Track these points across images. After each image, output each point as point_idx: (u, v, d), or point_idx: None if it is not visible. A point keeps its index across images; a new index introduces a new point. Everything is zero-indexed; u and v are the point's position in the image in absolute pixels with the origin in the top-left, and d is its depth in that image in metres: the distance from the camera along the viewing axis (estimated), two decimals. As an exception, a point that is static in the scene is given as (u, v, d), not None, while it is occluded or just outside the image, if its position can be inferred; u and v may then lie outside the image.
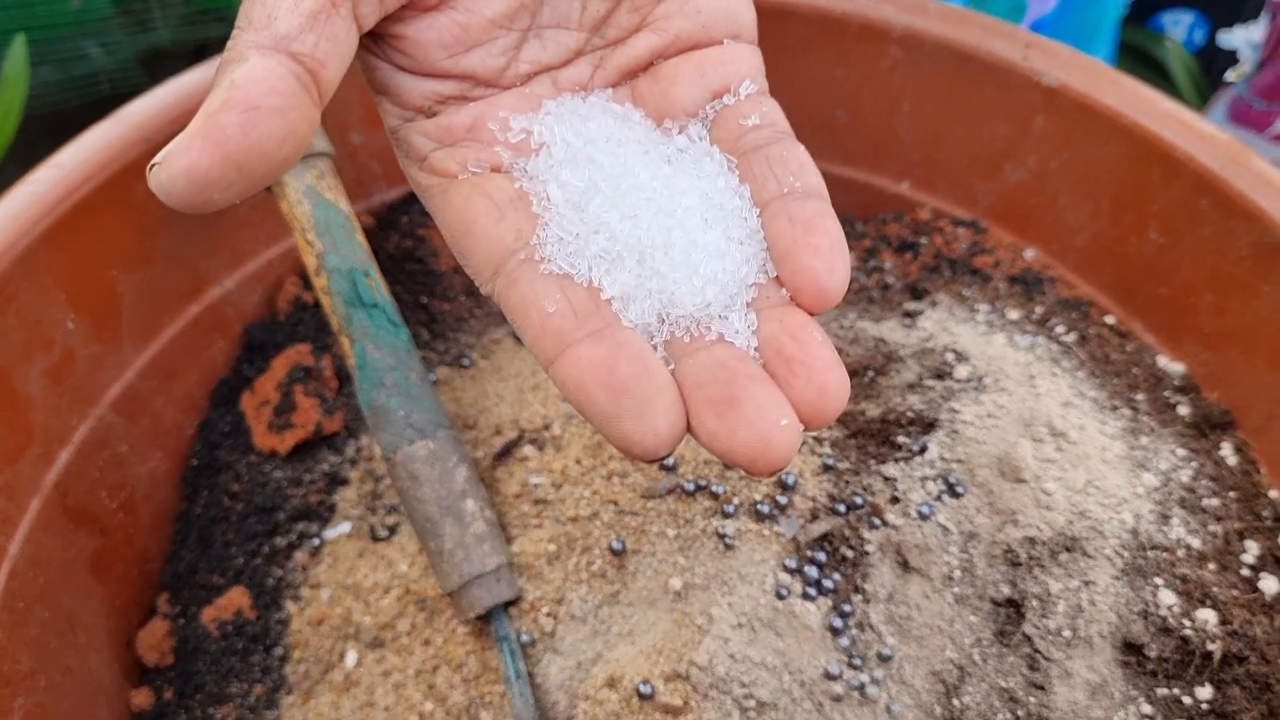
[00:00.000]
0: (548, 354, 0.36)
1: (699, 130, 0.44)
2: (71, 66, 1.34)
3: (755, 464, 0.34)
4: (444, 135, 0.42)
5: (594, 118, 0.43)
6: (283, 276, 0.79)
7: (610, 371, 0.34)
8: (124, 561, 0.70)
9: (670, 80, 0.44)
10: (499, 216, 0.40)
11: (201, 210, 0.33)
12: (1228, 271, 0.67)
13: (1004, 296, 0.73)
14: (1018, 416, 0.61)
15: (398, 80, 0.42)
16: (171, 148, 0.33)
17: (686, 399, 0.35)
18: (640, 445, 0.34)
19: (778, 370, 0.36)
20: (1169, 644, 0.55)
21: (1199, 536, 0.59)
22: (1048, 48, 0.72)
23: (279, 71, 0.34)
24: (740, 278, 0.39)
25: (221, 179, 0.33)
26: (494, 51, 0.42)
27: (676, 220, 0.39)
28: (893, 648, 0.56)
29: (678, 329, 0.38)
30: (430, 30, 0.41)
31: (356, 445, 0.73)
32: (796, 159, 0.41)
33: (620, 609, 0.59)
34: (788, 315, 0.37)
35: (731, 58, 0.45)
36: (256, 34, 0.35)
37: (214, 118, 0.33)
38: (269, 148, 0.33)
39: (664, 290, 0.38)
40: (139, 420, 0.71)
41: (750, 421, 0.33)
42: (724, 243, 0.39)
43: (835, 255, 0.37)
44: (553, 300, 0.37)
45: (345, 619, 0.65)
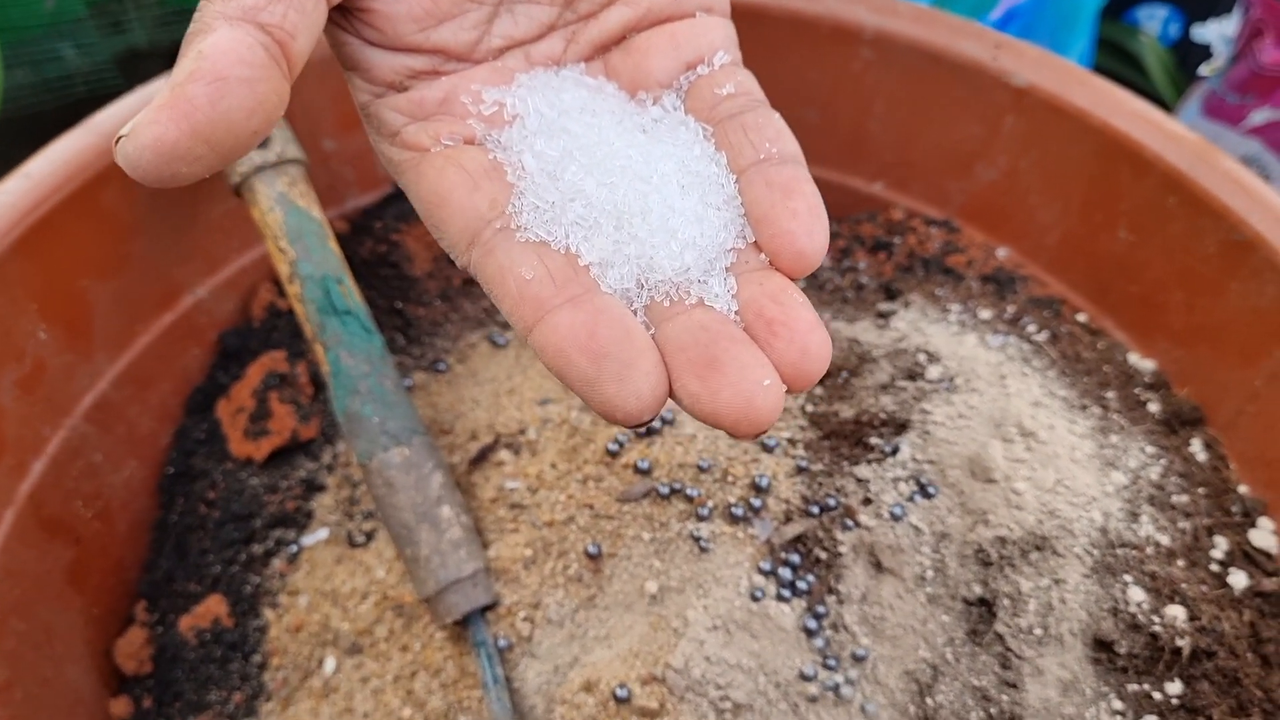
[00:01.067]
0: (526, 321, 0.36)
1: (673, 101, 0.43)
2: (46, 68, 1.33)
3: (739, 425, 0.33)
4: (416, 110, 0.42)
5: (567, 89, 0.43)
6: (257, 283, 0.79)
7: (590, 336, 0.34)
8: (101, 571, 0.70)
9: (643, 53, 0.44)
10: (473, 187, 0.39)
11: (169, 184, 0.33)
12: (1196, 269, 0.68)
13: (976, 296, 0.74)
14: (988, 417, 0.62)
15: (368, 55, 0.41)
16: (138, 120, 0.32)
17: (668, 362, 0.35)
18: (623, 409, 0.34)
19: (759, 332, 0.36)
20: (1138, 640, 0.56)
21: (1168, 533, 0.60)
22: (1017, 48, 0.73)
23: (247, 42, 0.34)
24: (718, 243, 0.39)
25: (189, 152, 0.32)
26: (465, 26, 0.42)
27: (653, 186, 0.39)
28: (867, 648, 0.56)
29: (657, 294, 0.38)
30: (400, 4, 0.40)
31: (333, 451, 0.73)
32: (772, 125, 0.41)
33: (596, 613, 0.60)
34: (767, 279, 0.37)
35: (704, 29, 0.44)
36: (224, 4, 0.34)
37: (181, 89, 0.32)
38: (237, 119, 0.33)
39: (642, 255, 0.38)
40: (113, 429, 0.71)
41: (732, 382, 0.33)
42: (701, 208, 0.39)
43: (814, 218, 0.37)
44: (530, 267, 0.37)
45: (323, 625, 0.65)
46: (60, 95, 1.31)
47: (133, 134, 0.32)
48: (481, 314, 0.79)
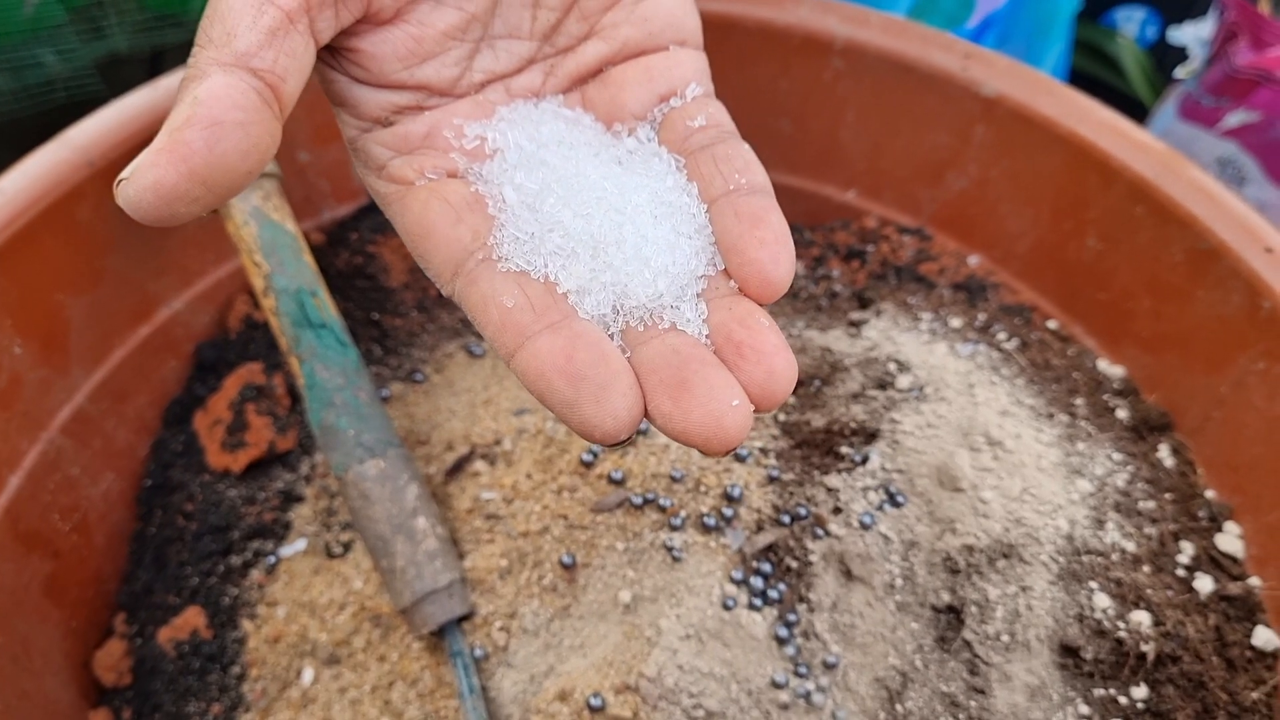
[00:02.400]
0: (508, 347, 0.37)
1: (647, 132, 0.45)
2: (26, 74, 1.33)
3: (709, 443, 0.35)
4: (401, 144, 0.43)
5: (546, 122, 0.44)
6: (233, 295, 0.79)
7: (568, 360, 0.36)
8: (79, 584, 0.70)
9: (619, 85, 0.46)
10: (456, 219, 0.41)
11: (169, 224, 0.34)
12: (1164, 277, 0.69)
13: (948, 304, 0.74)
14: (956, 426, 0.62)
15: (355, 92, 0.43)
16: (138, 163, 0.33)
17: (643, 384, 0.36)
18: (600, 429, 0.35)
19: (728, 355, 0.37)
20: (1104, 646, 0.56)
21: (1134, 540, 0.60)
22: (986, 58, 0.73)
23: (240, 87, 0.35)
24: (690, 270, 0.40)
25: (188, 193, 0.33)
26: (447, 62, 0.43)
27: (627, 216, 0.41)
28: (837, 655, 0.57)
29: (632, 319, 0.39)
30: (385, 44, 0.42)
31: (311, 462, 0.73)
32: (741, 157, 0.42)
33: (571, 622, 0.60)
34: (736, 304, 0.39)
35: (678, 62, 0.46)
36: (217, 51, 0.36)
37: (178, 134, 0.34)
38: (233, 162, 0.34)
39: (617, 283, 0.39)
40: (90, 442, 0.71)
41: (703, 403, 0.35)
42: (674, 237, 0.40)
43: (780, 247, 0.39)
44: (511, 296, 0.38)
45: (301, 636, 0.65)
46: (40, 101, 1.31)
47: (133, 177, 0.33)
48: (458, 324, 0.80)
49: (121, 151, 0.68)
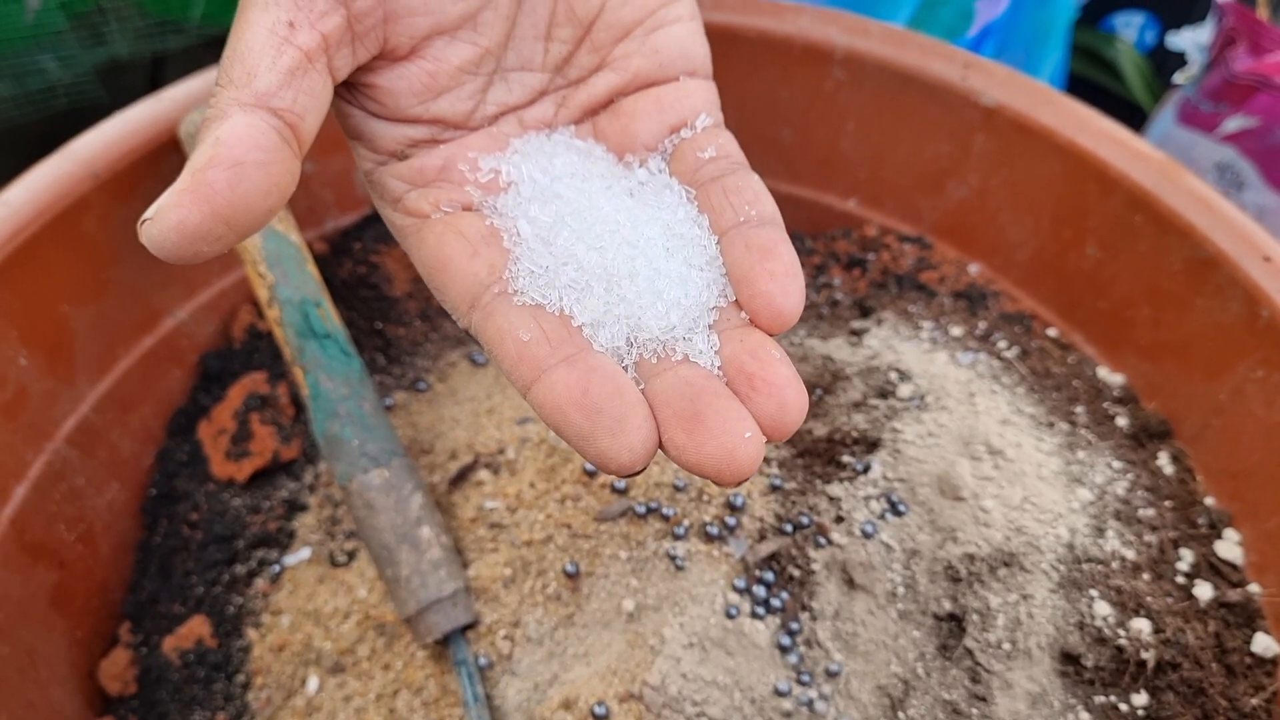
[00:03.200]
0: (525, 380, 0.38)
1: (659, 163, 0.45)
2: (27, 81, 1.33)
3: (722, 475, 0.35)
4: (416, 177, 0.44)
5: (559, 155, 0.44)
6: (236, 305, 0.79)
7: (584, 393, 0.36)
8: (84, 593, 0.70)
9: (630, 116, 0.46)
10: (472, 253, 0.41)
11: (191, 261, 0.35)
12: (1163, 285, 0.69)
13: (949, 312, 0.75)
14: (957, 435, 0.63)
15: (371, 126, 0.43)
16: (161, 203, 0.34)
17: (657, 416, 0.37)
18: (616, 461, 0.35)
19: (740, 387, 0.37)
20: (1105, 653, 0.57)
21: (1133, 548, 0.61)
22: (986, 68, 0.74)
23: (261, 127, 0.36)
24: (702, 302, 0.40)
25: (210, 232, 0.34)
26: (462, 96, 0.44)
27: (640, 250, 0.41)
28: (840, 664, 0.57)
29: (645, 351, 0.40)
30: (401, 79, 0.42)
31: (315, 472, 0.74)
32: (751, 188, 0.43)
33: (575, 631, 0.61)
34: (748, 336, 0.39)
35: (688, 93, 0.46)
36: (238, 91, 0.36)
37: (201, 174, 0.34)
38: (254, 201, 0.35)
39: (631, 316, 0.40)
40: (95, 453, 0.71)
41: (716, 435, 0.35)
42: (685, 269, 0.41)
43: (790, 279, 0.39)
44: (527, 329, 0.39)
45: (306, 645, 0.66)
46: (42, 107, 1.31)
47: (157, 217, 0.34)
48: (461, 333, 0.80)
49: (126, 163, 0.69)
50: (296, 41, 0.37)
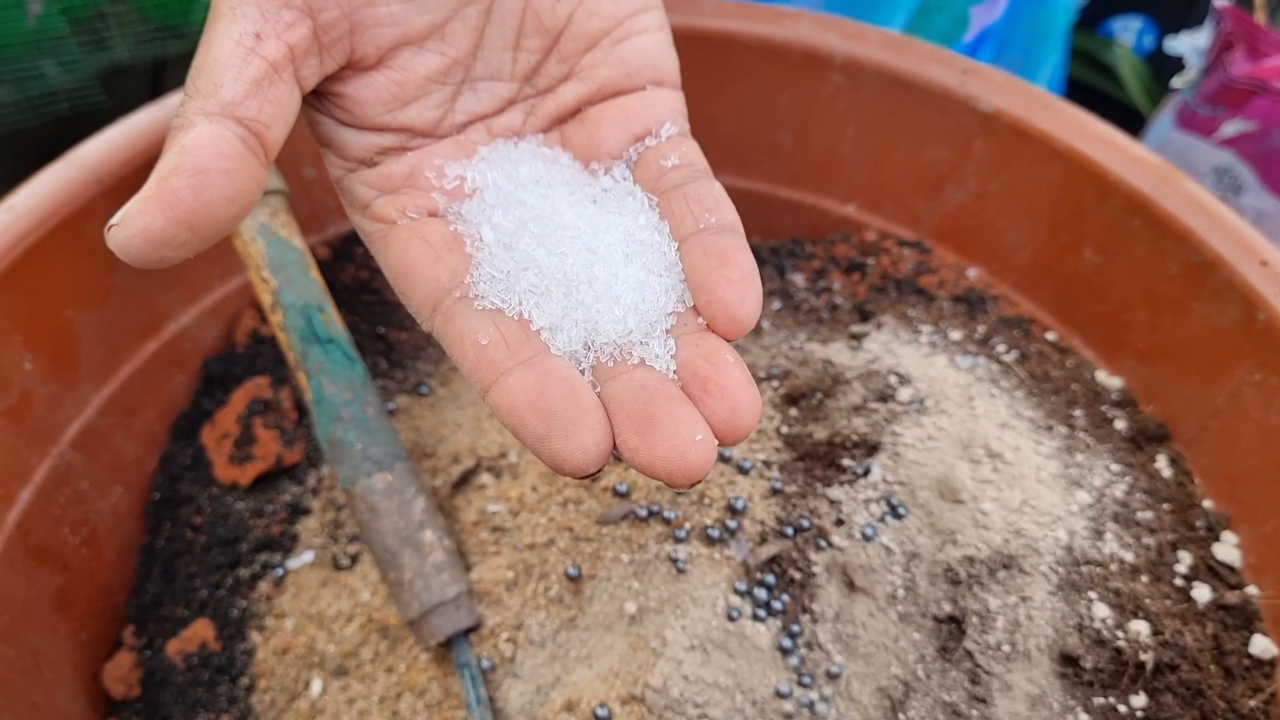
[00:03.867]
0: (483, 383, 0.39)
1: (623, 171, 0.46)
2: (29, 85, 1.33)
3: (674, 476, 0.36)
4: (384, 184, 0.44)
5: (524, 162, 0.45)
6: (240, 310, 0.80)
7: (540, 396, 0.37)
8: (88, 596, 0.71)
9: (596, 125, 0.47)
10: (435, 258, 0.42)
11: (157, 266, 0.35)
12: (1160, 289, 0.69)
13: (948, 316, 0.75)
14: (956, 439, 0.63)
15: (340, 134, 0.44)
16: (127, 210, 0.34)
17: (611, 419, 0.37)
18: (570, 462, 0.36)
19: (694, 391, 0.38)
20: (1103, 655, 0.57)
21: (1132, 550, 0.61)
22: (984, 73, 0.74)
23: (226, 136, 0.36)
24: (659, 307, 0.41)
25: (175, 238, 0.35)
26: (430, 105, 0.45)
27: (599, 255, 0.42)
28: (840, 666, 0.58)
29: (602, 355, 0.40)
30: (369, 88, 0.43)
31: (317, 475, 0.74)
32: (712, 196, 0.43)
33: (577, 633, 0.61)
34: (703, 341, 0.40)
35: (654, 102, 0.47)
36: (204, 101, 0.37)
37: (165, 181, 0.35)
38: (218, 208, 0.35)
39: (588, 320, 0.41)
40: (99, 457, 0.72)
41: (668, 438, 0.36)
42: (644, 275, 0.42)
43: (747, 286, 0.40)
44: (486, 333, 0.40)
45: (309, 648, 0.66)
46: (43, 112, 1.31)
47: (122, 223, 0.34)
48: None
49: (130, 169, 0.69)
50: (263, 52, 0.38)
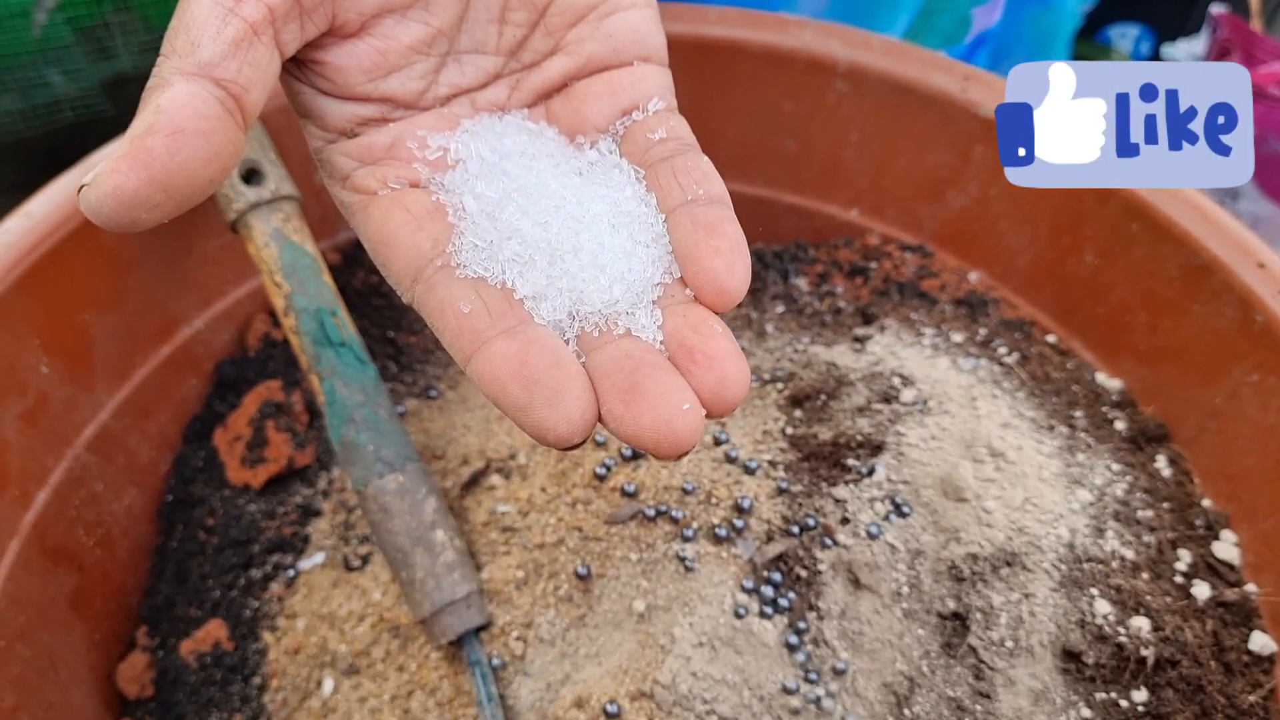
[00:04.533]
0: (465, 352, 0.38)
1: (609, 145, 0.46)
2: (33, 94, 1.34)
3: (660, 446, 0.35)
4: (365, 154, 0.44)
5: (509, 134, 0.45)
6: (252, 314, 0.81)
7: (523, 364, 0.36)
8: (102, 597, 0.72)
9: (582, 99, 0.47)
10: (416, 227, 0.41)
11: (130, 229, 0.35)
12: (1159, 291, 0.70)
13: (950, 319, 0.76)
14: (959, 438, 0.64)
15: (320, 103, 0.43)
16: (100, 170, 0.34)
17: (597, 388, 0.37)
18: (554, 432, 0.36)
19: (680, 360, 0.38)
20: (1105, 651, 0.58)
21: (1133, 548, 0.62)
22: (985, 80, 0.75)
23: (203, 96, 0.36)
24: (646, 278, 0.41)
25: (149, 199, 0.34)
26: (413, 75, 0.44)
27: (585, 225, 0.41)
28: (846, 662, 0.59)
29: (587, 325, 0.40)
30: (350, 56, 0.42)
31: (328, 477, 0.75)
32: (700, 169, 0.43)
33: (587, 631, 0.62)
34: (690, 311, 0.39)
35: (641, 77, 0.47)
36: (180, 60, 0.36)
37: (140, 140, 0.34)
38: (195, 169, 0.35)
39: (573, 289, 0.40)
40: (114, 459, 0.73)
41: (654, 406, 0.35)
42: (631, 245, 0.41)
43: (735, 256, 0.39)
44: (468, 301, 0.39)
45: (321, 647, 0.67)
46: (47, 121, 1.32)
47: (95, 183, 0.34)
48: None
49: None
50: (242, 13, 0.37)
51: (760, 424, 0.68)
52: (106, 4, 1.14)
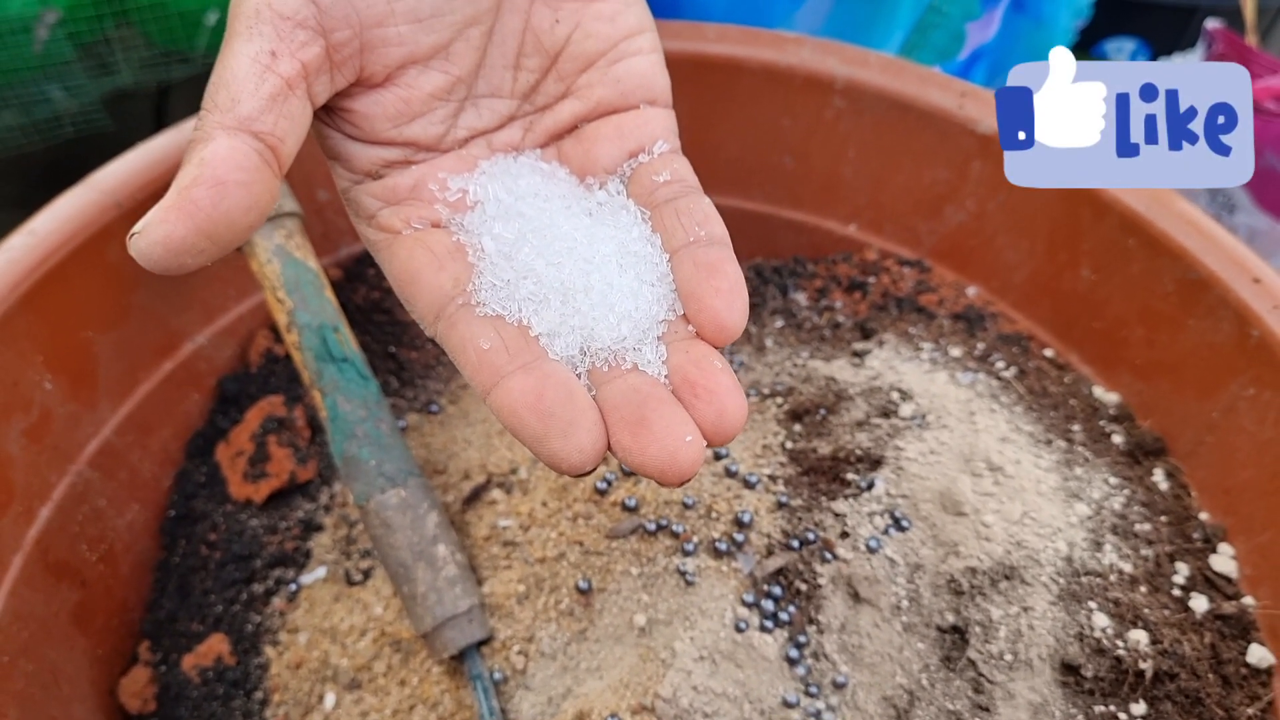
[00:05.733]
0: (485, 385, 0.41)
1: (617, 186, 0.48)
2: (35, 110, 1.35)
3: (665, 475, 0.38)
4: (389, 195, 0.46)
5: (523, 176, 0.47)
6: (254, 330, 0.81)
7: (539, 398, 0.39)
8: (105, 612, 0.72)
9: (592, 141, 0.49)
10: (439, 267, 0.44)
11: (176, 272, 0.37)
12: (1155, 306, 0.71)
13: (948, 334, 0.77)
14: (958, 453, 0.65)
15: (348, 148, 0.46)
16: (149, 219, 0.36)
17: (606, 420, 0.39)
18: (567, 461, 0.38)
19: (684, 395, 0.40)
20: (1104, 664, 0.58)
21: (1130, 561, 0.62)
22: (982, 96, 0.76)
23: (243, 149, 0.38)
24: (652, 315, 0.43)
25: (194, 246, 0.37)
26: (434, 120, 0.47)
27: (595, 265, 0.44)
28: (846, 675, 0.59)
29: (598, 360, 0.43)
30: (376, 105, 0.45)
31: (330, 492, 0.75)
32: (702, 210, 0.45)
33: (588, 645, 0.62)
34: (693, 347, 0.42)
35: (647, 120, 0.49)
36: (222, 115, 0.39)
37: (186, 192, 0.37)
38: (236, 217, 0.38)
39: (585, 327, 0.43)
40: (117, 474, 0.73)
41: (659, 438, 0.38)
42: (637, 285, 0.44)
43: (734, 295, 0.42)
44: (487, 338, 0.41)
45: (323, 662, 0.67)
46: (48, 136, 1.33)
47: (144, 231, 0.36)
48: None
49: (147, 193, 0.71)
50: (278, 70, 0.40)
51: (760, 438, 0.69)
52: (108, 20, 1.15)
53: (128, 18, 1.16)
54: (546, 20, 0.48)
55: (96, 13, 1.08)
